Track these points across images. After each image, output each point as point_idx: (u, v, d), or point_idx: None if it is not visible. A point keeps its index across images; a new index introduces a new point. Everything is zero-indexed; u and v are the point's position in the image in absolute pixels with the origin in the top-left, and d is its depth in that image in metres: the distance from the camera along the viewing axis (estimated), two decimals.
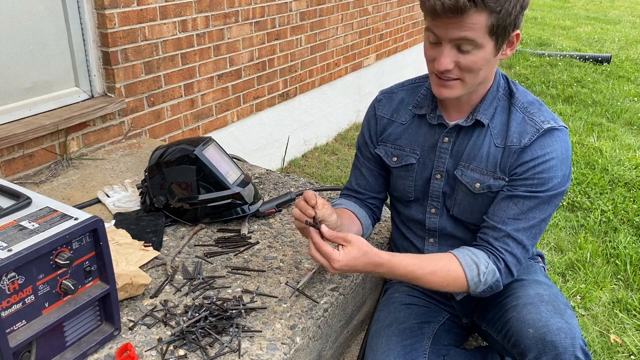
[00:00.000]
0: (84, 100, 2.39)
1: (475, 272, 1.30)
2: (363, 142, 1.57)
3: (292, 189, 2.08)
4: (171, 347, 1.26)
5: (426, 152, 1.45)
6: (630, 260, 2.68)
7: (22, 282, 1.03)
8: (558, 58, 6.83)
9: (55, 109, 2.27)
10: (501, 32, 1.21)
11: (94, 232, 1.15)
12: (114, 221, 1.79)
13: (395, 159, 1.50)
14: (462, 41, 1.21)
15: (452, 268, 1.30)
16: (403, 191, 1.51)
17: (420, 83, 1.50)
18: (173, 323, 1.34)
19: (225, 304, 1.40)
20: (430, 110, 1.43)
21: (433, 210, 1.47)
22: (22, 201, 1.17)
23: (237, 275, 1.55)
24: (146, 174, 1.84)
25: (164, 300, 1.42)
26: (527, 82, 5.95)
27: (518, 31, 1.25)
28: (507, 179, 1.34)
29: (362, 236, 1.52)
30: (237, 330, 1.31)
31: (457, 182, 1.40)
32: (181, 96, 2.80)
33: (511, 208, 1.32)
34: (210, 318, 1.33)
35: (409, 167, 1.48)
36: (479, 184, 1.37)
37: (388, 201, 1.66)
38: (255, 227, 1.81)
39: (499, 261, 1.32)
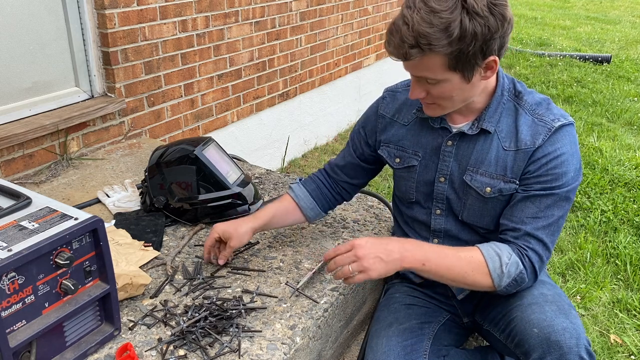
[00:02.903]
0: (84, 100, 2.39)
1: (498, 263, 1.28)
2: (356, 131, 1.61)
3: None
4: (171, 347, 1.26)
5: (429, 154, 1.44)
6: (630, 260, 2.68)
7: (22, 282, 1.03)
8: (558, 58, 6.82)
9: (55, 109, 2.27)
10: (465, 66, 1.21)
11: (94, 232, 1.15)
12: (114, 221, 1.79)
13: (397, 160, 1.50)
14: (423, 78, 1.25)
15: (474, 256, 1.30)
16: (405, 192, 1.51)
17: None
18: (173, 323, 1.34)
19: (225, 304, 1.39)
20: None
21: (438, 212, 1.47)
22: (22, 201, 1.17)
23: (237, 275, 1.55)
24: (146, 174, 1.84)
25: (164, 300, 1.42)
26: (527, 82, 5.94)
27: (492, 57, 1.22)
28: (517, 182, 1.33)
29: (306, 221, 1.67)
30: (237, 330, 1.31)
31: (467, 187, 1.39)
32: (181, 96, 2.80)
33: (529, 207, 1.31)
34: (210, 318, 1.33)
35: (410, 169, 1.48)
36: (489, 189, 1.36)
37: (391, 201, 1.66)
38: None
39: (522, 256, 1.30)
